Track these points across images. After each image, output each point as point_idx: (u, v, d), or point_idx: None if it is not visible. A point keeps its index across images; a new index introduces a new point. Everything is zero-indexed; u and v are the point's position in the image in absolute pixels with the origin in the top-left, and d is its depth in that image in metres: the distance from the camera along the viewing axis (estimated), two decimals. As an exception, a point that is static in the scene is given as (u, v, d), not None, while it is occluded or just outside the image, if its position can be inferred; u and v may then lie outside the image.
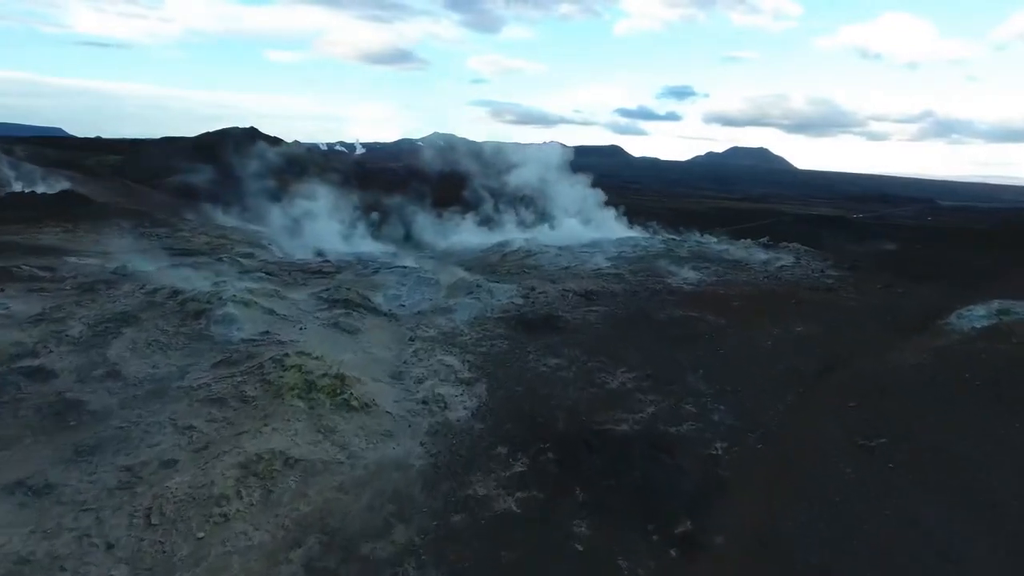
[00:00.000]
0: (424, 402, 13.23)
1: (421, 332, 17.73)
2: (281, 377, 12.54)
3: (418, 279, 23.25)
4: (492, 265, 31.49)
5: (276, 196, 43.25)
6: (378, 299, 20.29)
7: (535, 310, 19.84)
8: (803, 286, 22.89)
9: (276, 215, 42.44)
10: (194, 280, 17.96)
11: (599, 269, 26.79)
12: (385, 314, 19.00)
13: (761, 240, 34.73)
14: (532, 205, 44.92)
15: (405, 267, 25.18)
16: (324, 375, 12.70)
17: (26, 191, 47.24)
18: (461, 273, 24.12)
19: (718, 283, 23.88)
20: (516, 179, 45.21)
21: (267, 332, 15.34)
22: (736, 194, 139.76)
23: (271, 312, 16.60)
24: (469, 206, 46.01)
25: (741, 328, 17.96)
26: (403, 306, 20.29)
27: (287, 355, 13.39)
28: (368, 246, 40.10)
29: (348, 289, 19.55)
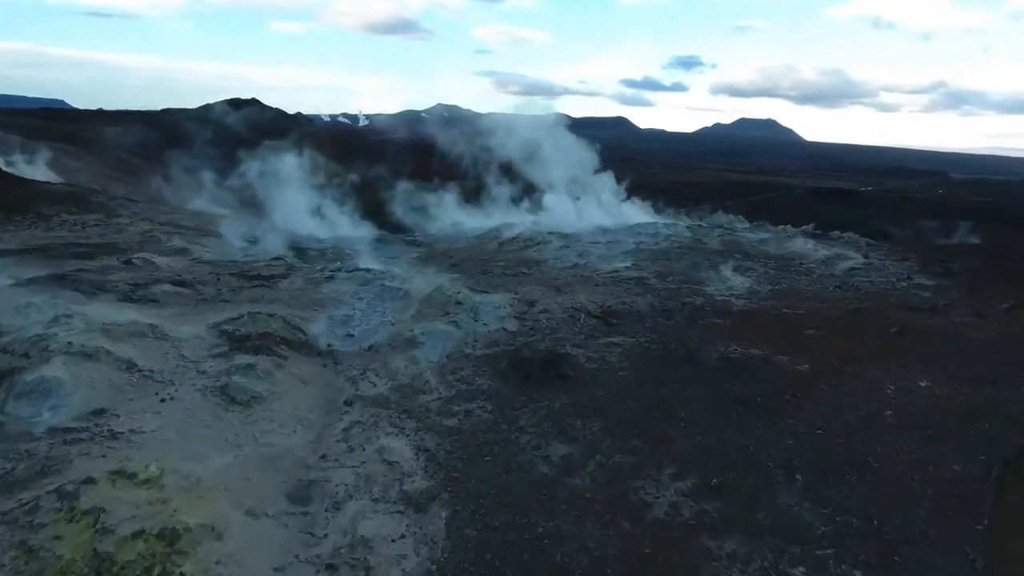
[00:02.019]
0: (331, 568, 7.22)
1: (365, 387, 11.68)
2: (56, 541, 6.54)
3: (382, 290, 17.11)
4: (485, 259, 25.34)
5: (245, 172, 36.75)
6: (317, 326, 14.19)
7: (534, 343, 13.73)
8: (893, 302, 16.62)
9: (242, 194, 36.23)
10: (34, 310, 11.86)
11: (616, 271, 20.54)
12: (320, 354, 12.93)
13: (805, 228, 28.31)
14: (531, 183, 38.45)
15: (369, 270, 18.99)
16: (137, 533, 6.69)
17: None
18: (438, 280, 17.95)
19: (776, 295, 17.63)
20: (512, 153, 38.66)
21: (101, 411, 9.28)
22: (745, 167, 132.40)
23: (129, 367, 10.52)
24: (462, 183, 39.63)
25: (835, 380, 11.81)
26: (351, 336, 14.18)
27: (92, 479, 7.36)
28: (346, 229, 33.92)
29: (271, 316, 13.43)
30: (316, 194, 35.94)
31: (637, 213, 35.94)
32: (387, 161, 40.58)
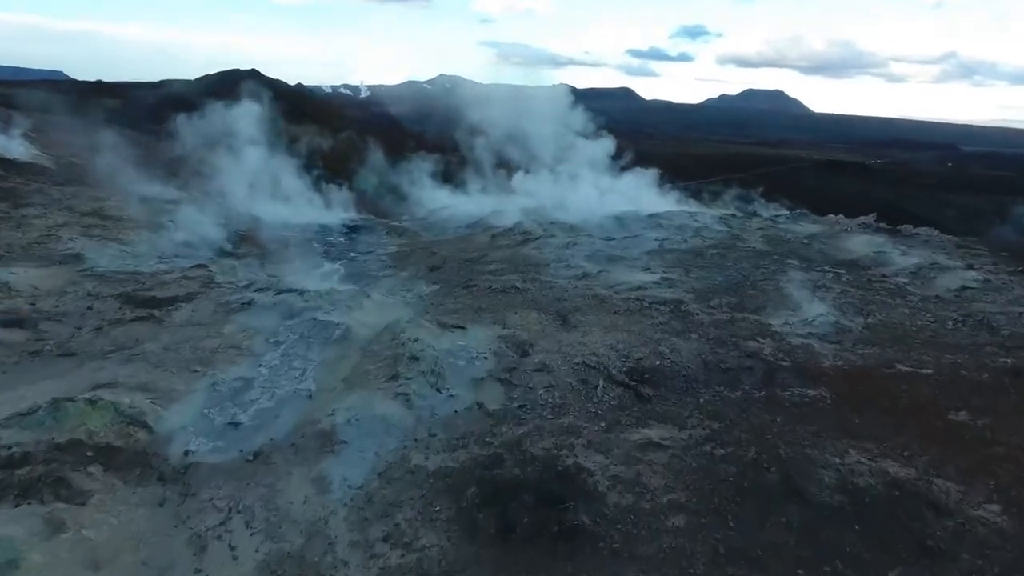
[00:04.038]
0: None
1: (215, 562, 6.20)
2: None
3: (312, 327, 11.52)
4: (472, 260, 19.70)
5: (195, 143, 30.76)
6: (181, 410, 8.63)
7: (524, 441, 8.17)
8: (1060, 354, 10.92)
9: (203, 171, 30.42)
10: None
11: (641, 288, 14.85)
12: (162, 477, 7.39)
13: (862, 220, 22.45)
14: (531, 159, 32.55)
15: (303, 293, 13.34)
16: None
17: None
18: (395, 311, 12.35)
19: (875, 336, 11.91)
20: (508, 126, 32.70)
21: None
22: (752, 139, 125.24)
23: None
24: (451, 157, 33.76)
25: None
26: (234, 427, 8.62)
27: None
28: (319, 214, 28.18)
29: (94, 403, 7.85)
30: (283, 170, 30.13)
31: (642, 193, 30.00)
32: (371, 133, 34.63)
